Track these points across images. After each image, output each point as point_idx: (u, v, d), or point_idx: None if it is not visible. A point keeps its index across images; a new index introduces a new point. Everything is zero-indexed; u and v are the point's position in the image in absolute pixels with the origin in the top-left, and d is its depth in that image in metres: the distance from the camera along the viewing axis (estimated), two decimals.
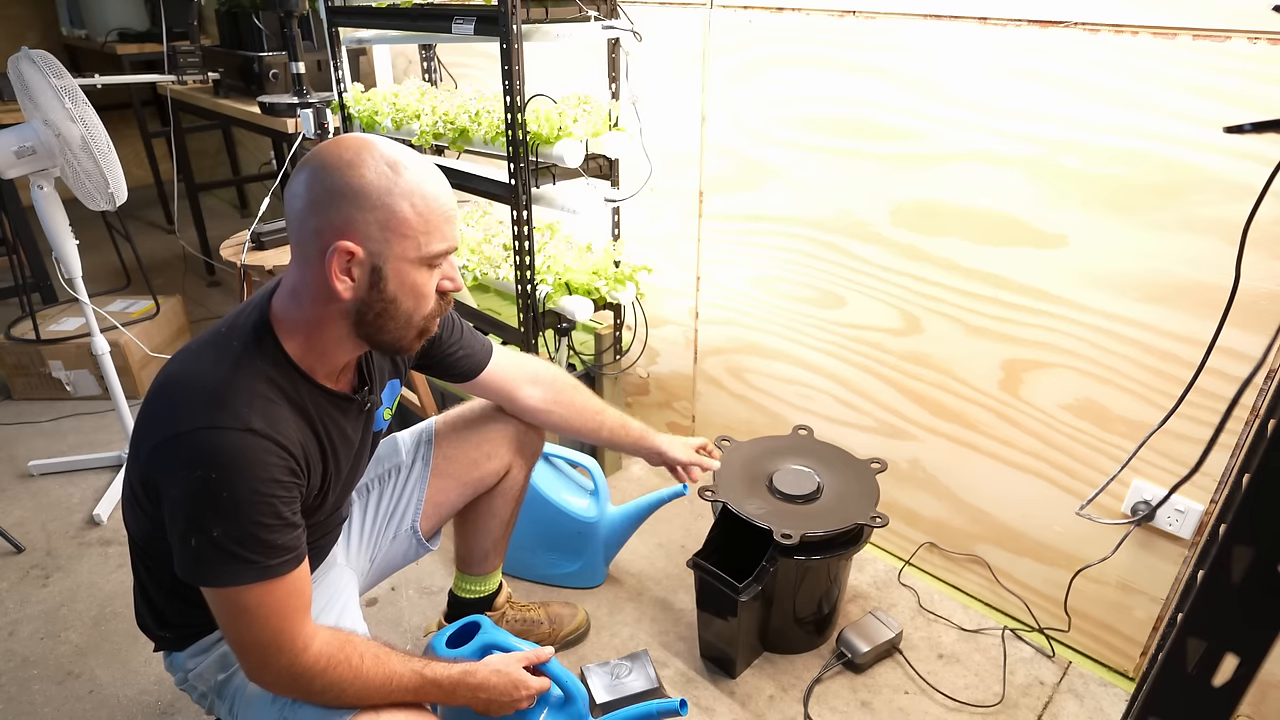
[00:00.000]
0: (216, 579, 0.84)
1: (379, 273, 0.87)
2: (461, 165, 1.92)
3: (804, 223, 1.73)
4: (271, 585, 0.85)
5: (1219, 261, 1.21)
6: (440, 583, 1.74)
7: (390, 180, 0.85)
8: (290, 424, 0.88)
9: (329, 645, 0.89)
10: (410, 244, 0.87)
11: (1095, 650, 1.55)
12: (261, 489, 0.83)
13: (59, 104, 1.70)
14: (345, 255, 0.85)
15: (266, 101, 2.44)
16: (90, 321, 2.00)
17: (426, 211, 0.86)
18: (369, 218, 0.84)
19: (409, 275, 0.88)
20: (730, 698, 1.48)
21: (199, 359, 0.89)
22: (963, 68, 1.40)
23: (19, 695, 1.49)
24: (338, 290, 0.86)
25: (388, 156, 0.86)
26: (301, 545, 0.89)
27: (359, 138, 0.88)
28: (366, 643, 0.94)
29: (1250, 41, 1.11)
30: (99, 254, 2.71)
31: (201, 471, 0.81)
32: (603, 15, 1.71)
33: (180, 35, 3.13)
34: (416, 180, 0.86)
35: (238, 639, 0.87)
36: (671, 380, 2.21)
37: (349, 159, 0.84)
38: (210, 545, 0.82)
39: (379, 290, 0.88)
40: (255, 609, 0.85)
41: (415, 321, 0.92)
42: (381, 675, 0.92)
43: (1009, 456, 1.56)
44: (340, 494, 1.06)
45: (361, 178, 0.84)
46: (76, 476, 2.13)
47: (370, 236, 0.85)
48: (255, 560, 0.83)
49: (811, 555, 1.40)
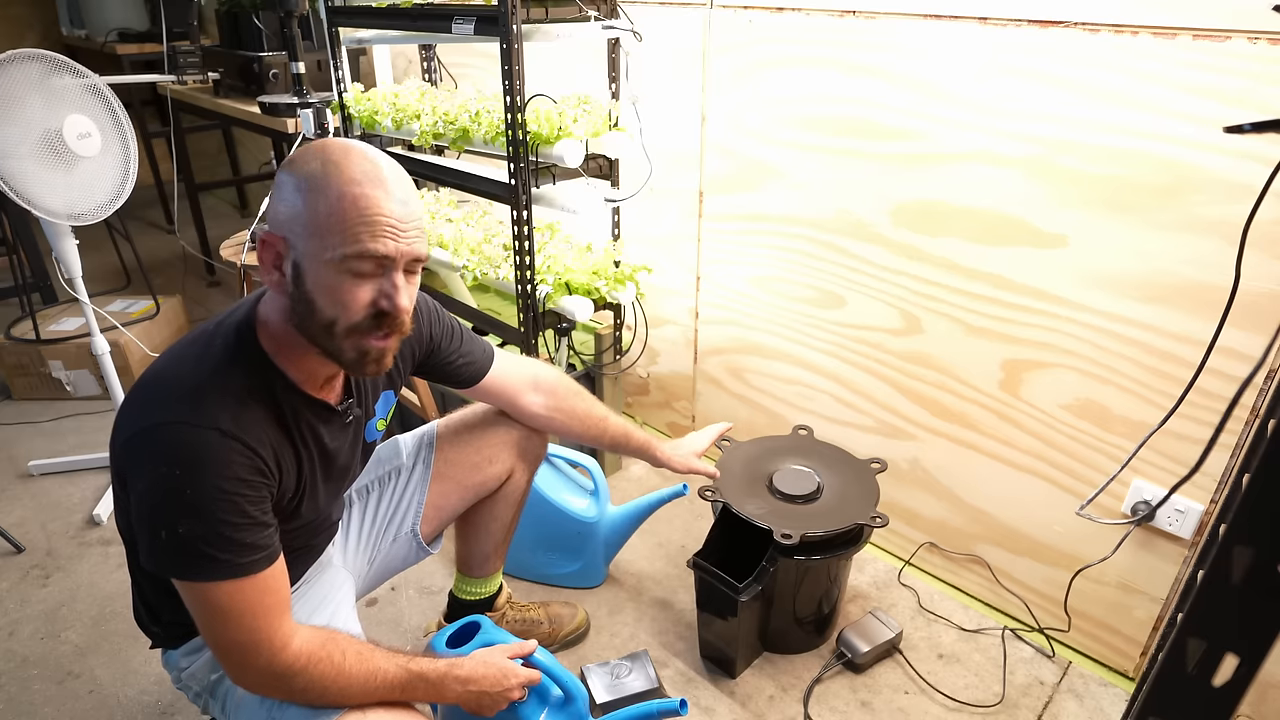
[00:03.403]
0: (185, 574, 0.84)
1: (298, 269, 0.84)
2: (461, 165, 1.92)
3: (804, 223, 1.73)
4: (243, 583, 0.85)
5: (1219, 261, 1.21)
6: (440, 583, 1.74)
7: (321, 177, 0.82)
8: (261, 426, 0.88)
9: (309, 643, 0.89)
10: (317, 243, 0.83)
11: (1095, 650, 1.55)
12: (226, 487, 0.83)
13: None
14: (270, 248, 0.85)
15: (266, 101, 2.44)
16: (90, 321, 2.00)
17: (342, 211, 0.81)
18: (290, 210, 0.83)
19: (323, 277, 0.84)
20: (730, 698, 1.48)
21: (180, 357, 0.89)
22: (963, 68, 1.40)
23: (19, 695, 1.49)
24: (272, 283, 0.87)
25: (332, 154, 0.83)
26: (274, 544, 0.88)
27: (327, 140, 0.87)
28: (350, 640, 0.93)
29: (1250, 41, 1.11)
30: (99, 254, 2.71)
31: (166, 468, 0.81)
32: (603, 15, 1.71)
33: (180, 35, 3.13)
34: (349, 180, 0.82)
35: (215, 639, 0.87)
36: (671, 380, 2.21)
37: (310, 155, 0.84)
38: (178, 541, 0.82)
39: (300, 288, 0.85)
40: (229, 607, 0.85)
41: (337, 331, 0.86)
42: (365, 671, 0.91)
43: (1009, 456, 1.56)
44: (326, 499, 1.05)
45: (296, 169, 0.84)
46: (76, 476, 2.13)
47: (291, 230, 0.84)
48: (225, 558, 0.83)
49: (811, 555, 1.40)
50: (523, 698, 1.06)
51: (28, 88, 1.69)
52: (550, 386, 1.30)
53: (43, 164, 1.72)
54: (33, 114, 1.69)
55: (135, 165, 1.87)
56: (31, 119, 1.69)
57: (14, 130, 1.67)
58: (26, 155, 1.69)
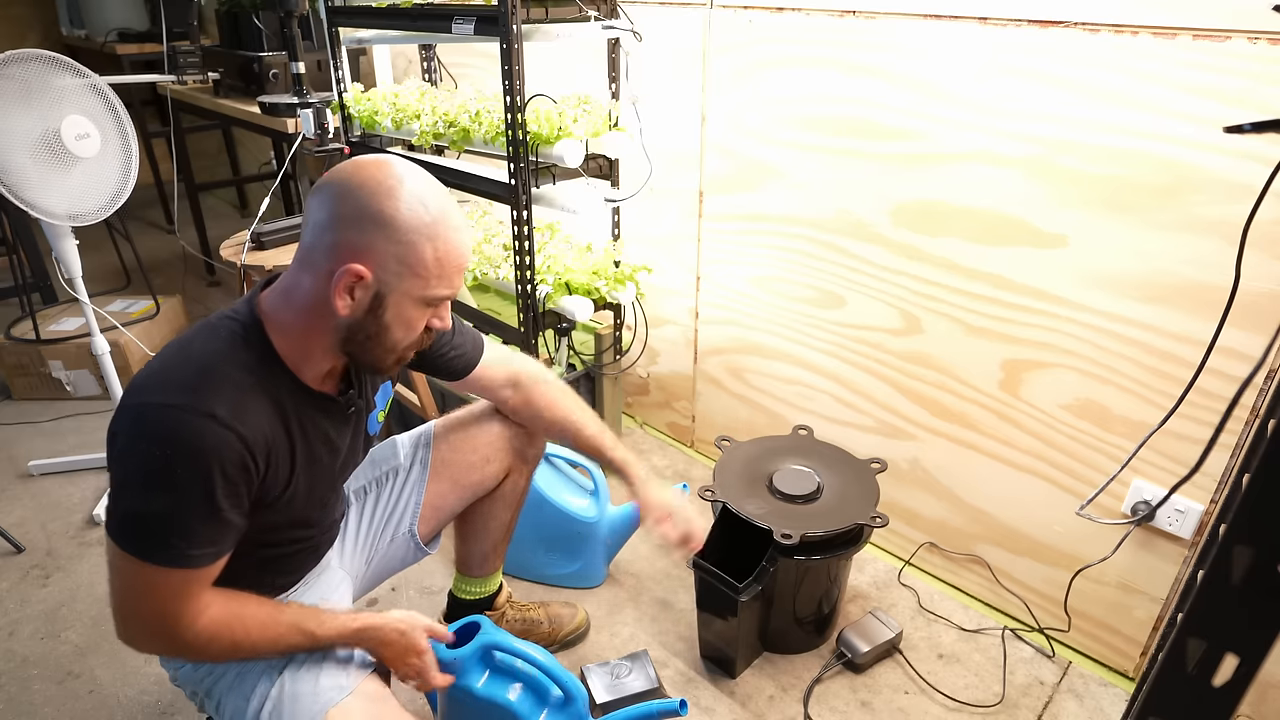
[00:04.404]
0: (130, 547, 0.84)
1: (380, 300, 0.88)
2: (461, 165, 1.92)
3: (804, 223, 1.73)
4: (177, 573, 0.85)
5: (1219, 261, 1.21)
6: (440, 583, 1.74)
7: (421, 219, 0.86)
8: (258, 414, 0.88)
9: (214, 623, 0.90)
10: (420, 284, 0.88)
11: (1095, 650, 1.55)
12: (207, 475, 0.83)
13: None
14: (354, 277, 0.86)
15: (266, 101, 2.44)
16: (90, 321, 2.00)
17: (445, 259, 0.89)
18: (390, 249, 0.86)
19: (407, 310, 0.90)
20: (730, 698, 1.48)
21: (187, 343, 0.90)
22: (963, 68, 1.40)
23: (19, 695, 1.49)
24: (336, 306, 0.87)
25: (424, 194, 0.87)
26: (226, 545, 0.89)
27: (400, 164, 0.89)
28: (258, 610, 0.94)
29: (1250, 41, 1.11)
30: (99, 254, 2.71)
31: (151, 446, 0.82)
32: (603, 15, 1.71)
33: (180, 35, 3.13)
34: (446, 227, 0.88)
35: (123, 604, 0.88)
36: (671, 380, 2.21)
37: (389, 185, 0.85)
38: (140, 516, 0.83)
39: (375, 316, 0.89)
40: (154, 587, 0.86)
41: (399, 350, 0.94)
42: (268, 640, 0.94)
43: (1009, 456, 1.56)
44: (325, 492, 1.05)
45: (395, 209, 0.85)
46: (76, 476, 2.13)
47: (385, 267, 0.86)
48: (176, 545, 0.84)
49: (811, 555, 1.40)
50: (422, 683, 1.06)
51: (25, 89, 1.69)
52: (527, 382, 1.27)
53: (41, 165, 1.71)
54: (30, 115, 1.69)
55: (136, 165, 1.87)
56: (29, 120, 1.69)
57: (11, 131, 1.67)
58: (24, 156, 1.69)
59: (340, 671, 0.98)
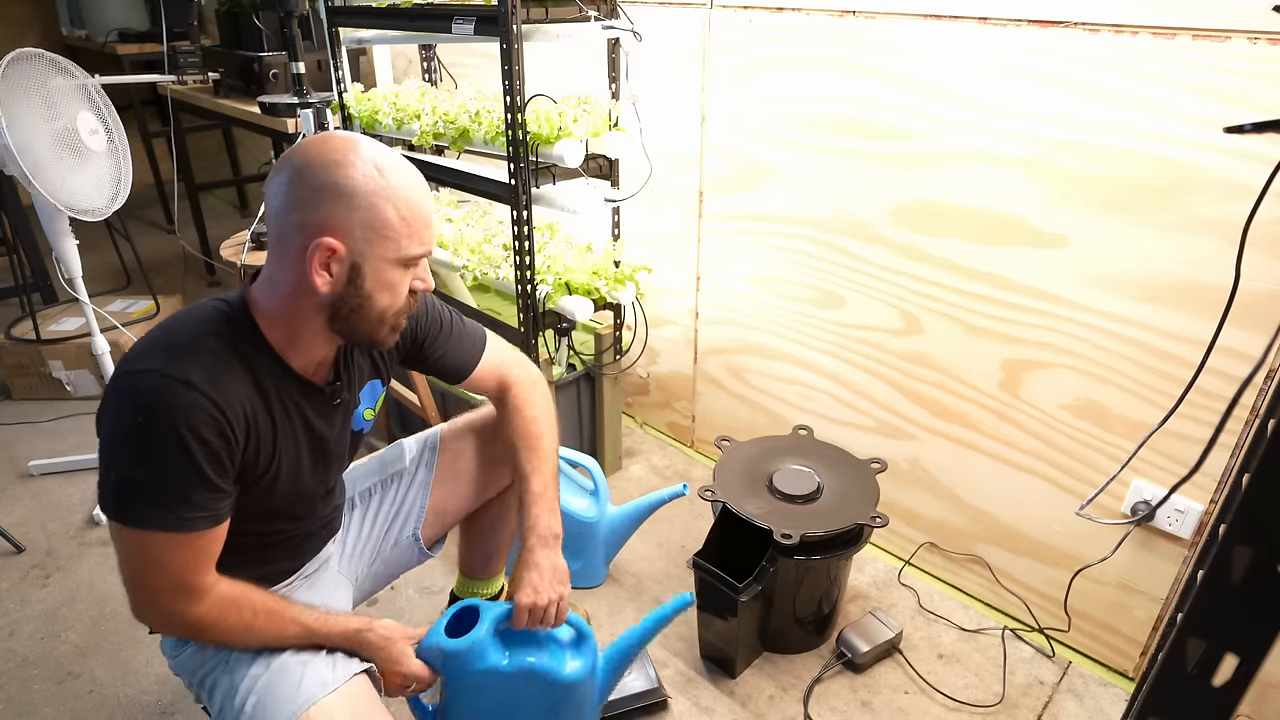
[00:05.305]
0: (125, 517, 0.85)
1: (358, 270, 0.89)
2: (461, 165, 1.91)
3: (804, 223, 1.73)
4: (181, 538, 0.87)
5: (1219, 261, 1.21)
6: (441, 583, 1.74)
7: (377, 182, 0.87)
8: (235, 385, 0.89)
9: (222, 599, 0.92)
10: (391, 245, 0.89)
11: (1095, 650, 1.55)
12: (185, 439, 0.84)
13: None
14: (327, 251, 0.87)
15: (266, 101, 2.44)
16: (90, 321, 2.00)
17: (410, 216, 0.89)
18: (354, 217, 0.86)
19: (386, 274, 0.91)
20: (730, 698, 1.48)
21: (172, 319, 0.92)
22: (963, 68, 1.40)
23: (19, 695, 1.49)
24: (316, 284, 0.88)
25: (375, 158, 0.88)
26: (220, 509, 0.90)
27: (345, 136, 0.90)
28: (265, 599, 0.96)
29: (1250, 41, 1.11)
30: (99, 254, 2.71)
31: (130, 412, 0.84)
32: (603, 15, 1.71)
33: (180, 35, 3.13)
34: (403, 184, 0.89)
35: (133, 578, 0.89)
36: (671, 380, 2.21)
37: (336, 158, 0.86)
38: (129, 484, 0.84)
39: (356, 286, 0.90)
40: (159, 556, 0.87)
41: (387, 318, 0.95)
42: (274, 627, 0.96)
43: (1009, 456, 1.56)
44: (311, 482, 1.05)
45: (349, 177, 0.86)
46: (76, 476, 2.13)
47: (353, 235, 0.87)
48: (171, 510, 0.85)
49: (811, 555, 1.40)
50: (405, 689, 1.06)
51: (42, 84, 1.71)
52: (510, 403, 1.21)
53: (61, 159, 1.74)
54: (49, 109, 1.72)
55: (129, 164, 1.89)
56: (49, 114, 1.72)
57: (35, 125, 1.70)
58: (46, 150, 1.71)
59: (327, 669, 0.98)
